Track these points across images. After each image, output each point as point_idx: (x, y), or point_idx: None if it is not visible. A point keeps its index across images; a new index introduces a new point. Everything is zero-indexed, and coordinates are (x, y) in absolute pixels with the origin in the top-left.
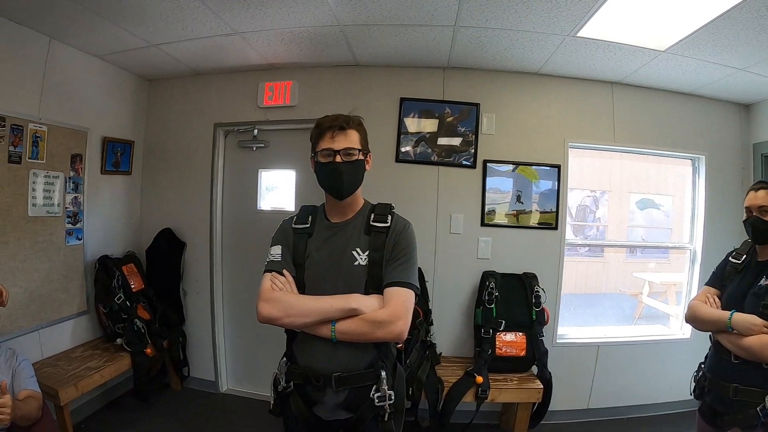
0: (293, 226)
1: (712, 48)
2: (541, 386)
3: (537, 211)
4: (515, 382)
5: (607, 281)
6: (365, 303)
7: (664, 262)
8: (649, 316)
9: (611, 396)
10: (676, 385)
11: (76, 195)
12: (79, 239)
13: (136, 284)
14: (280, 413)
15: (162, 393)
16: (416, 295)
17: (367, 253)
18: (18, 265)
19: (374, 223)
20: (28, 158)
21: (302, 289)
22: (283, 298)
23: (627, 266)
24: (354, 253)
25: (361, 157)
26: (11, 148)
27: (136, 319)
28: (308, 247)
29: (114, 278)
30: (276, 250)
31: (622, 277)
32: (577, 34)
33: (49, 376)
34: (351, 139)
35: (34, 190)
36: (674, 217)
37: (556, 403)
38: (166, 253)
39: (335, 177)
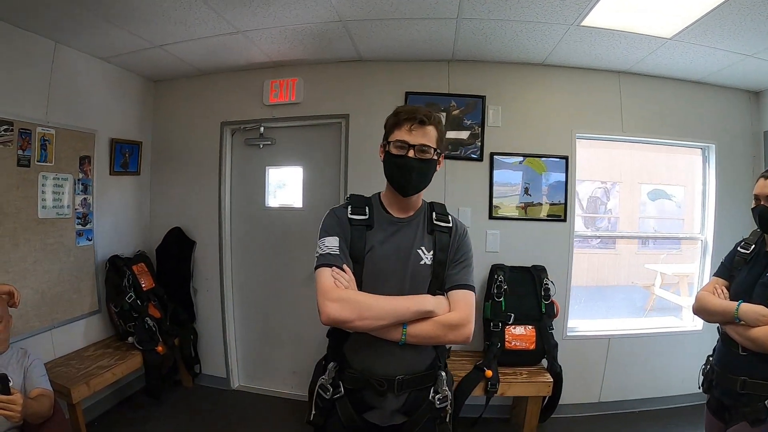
0: (350, 216)
1: (719, 34)
2: (551, 380)
3: (545, 203)
4: (525, 375)
5: (620, 273)
6: (439, 305)
7: (676, 253)
8: (661, 308)
9: (622, 389)
10: (688, 378)
11: (85, 196)
12: (90, 240)
13: (146, 283)
14: (323, 423)
15: (173, 390)
16: (475, 297)
17: (432, 252)
18: (29, 266)
19: (438, 222)
20: (37, 161)
21: (359, 286)
22: (356, 298)
23: (639, 258)
24: (419, 251)
25: (435, 156)
26: (20, 152)
27: (147, 318)
28: (369, 240)
29: (124, 278)
30: (333, 242)
31: (635, 269)
32: (581, 23)
33: (61, 375)
34: (429, 136)
35: (43, 192)
36: (686, 208)
37: (567, 397)
38: (175, 252)
39: (405, 172)
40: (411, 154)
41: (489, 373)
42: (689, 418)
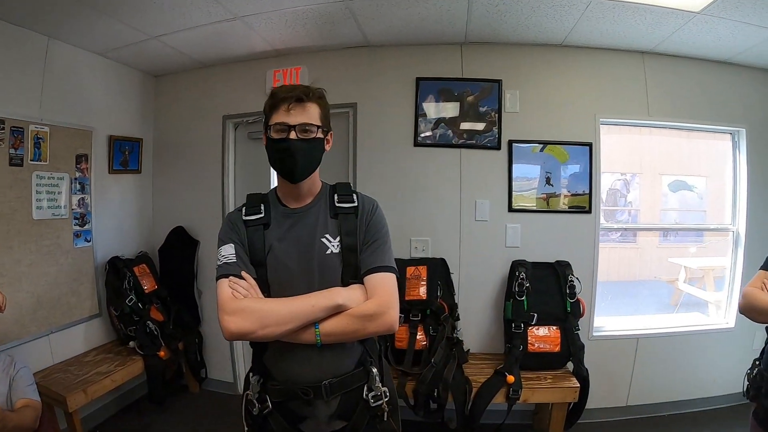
0: (244, 218)
1: (751, 6)
2: (578, 385)
3: (568, 193)
4: (549, 380)
5: (642, 267)
6: (350, 296)
7: (701, 245)
8: (687, 304)
9: (651, 392)
10: (721, 379)
11: (82, 196)
12: (88, 241)
13: (148, 285)
14: None
15: (179, 396)
16: (396, 278)
17: (338, 239)
18: (24, 269)
19: (340, 204)
20: (30, 160)
21: (266, 290)
22: (254, 306)
23: (661, 251)
24: (324, 240)
25: (320, 135)
26: (12, 151)
27: (148, 321)
28: (267, 240)
29: (125, 280)
30: (227, 250)
31: (657, 263)
32: None
33: (58, 382)
34: (310, 114)
35: (38, 192)
36: (708, 199)
37: (593, 401)
38: (179, 252)
39: (289, 156)
40: (293, 135)
41: (511, 378)
42: (723, 422)
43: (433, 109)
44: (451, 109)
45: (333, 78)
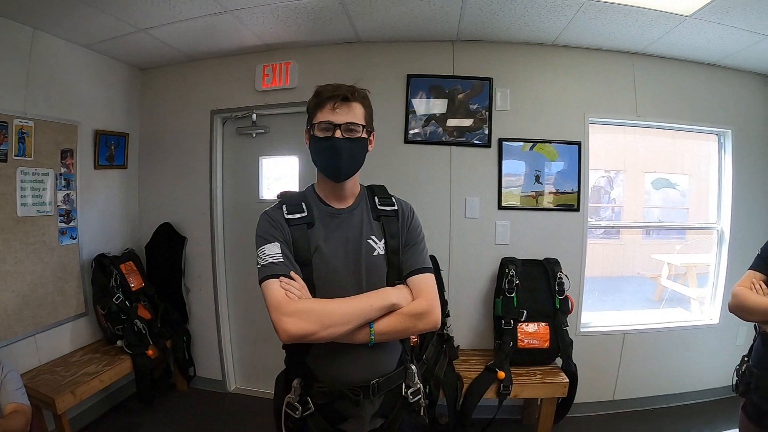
0: (287, 216)
1: (741, 11)
2: (567, 380)
3: (557, 191)
4: (539, 376)
5: (625, 264)
6: (402, 296)
7: (683, 242)
8: (671, 300)
9: (638, 386)
10: (706, 374)
11: (68, 192)
12: (74, 238)
13: (135, 283)
14: None
15: (167, 395)
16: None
17: (383, 240)
18: (9, 268)
19: (382, 207)
20: (15, 155)
21: (311, 291)
22: (315, 307)
23: (644, 248)
24: (370, 241)
25: (364, 135)
26: None
27: (136, 320)
28: (312, 239)
29: (112, 277)
30: (273, 249)
31: (640, 260)
32: None
33: (45, 384)
34: (355, 113)
35: (22, 188)
36: (691, 197)
37: (580, 395)
38: (166, 249)
39: (333, 155)
40: (338, 134)
41: (501, 374)
42: (708, 416)
43: (423, 106)
44: (441, 107)
45: (323, 74)
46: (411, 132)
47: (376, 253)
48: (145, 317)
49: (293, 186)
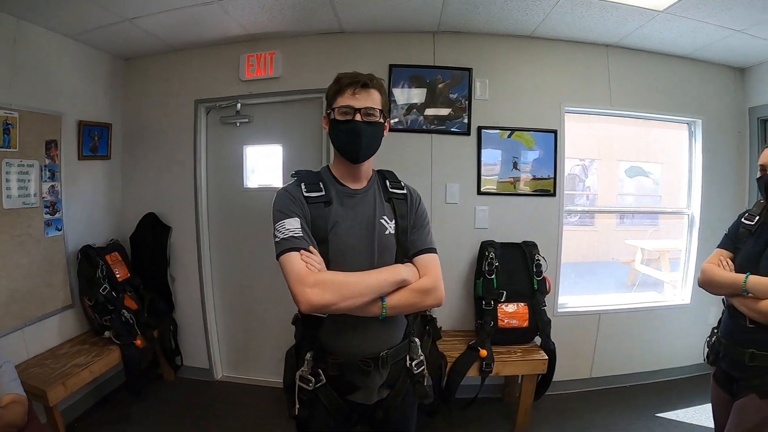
0: (305, 194)
1: (712, 8)
2: (546, 357)
3: (534, 177)
4: (519, 354)
5: (600, 249)
6: (411, 273)
7: (655, 228)
8: (644, 284)
9: (613, 364)
10: (678, 351)
11: (53, 183)
12: (59, 230)
13: (121, 273)
14: (309, 415)
15: (155, 385)
16: None
17: (394, 221)
18: None
19: (393, 190)
20: (0, 147)
21: (327, 266)
22: (335, 279)
23: (618, 234)
24: (382, 221)
25: (381, 119)
26: None
27: (123, 310)
28: (330, 218)
29: (98, 268)
30: (293, 224)
31: (615, 245)
32: None
33: (36, 377)
34: (373, 99)
35: (8, 180)
36: (664, 185)
37: (559, 373)
38: (151, 239)
39: (354, 137)
40: (358, 117)
41: (484, 352)
42: (680, 391)
43: (405, 95)
44: (422, 96)
45: (307, 64)
46: (392, 121)
47: (387, 232)
48: (132, 307)
49: (277, 173)
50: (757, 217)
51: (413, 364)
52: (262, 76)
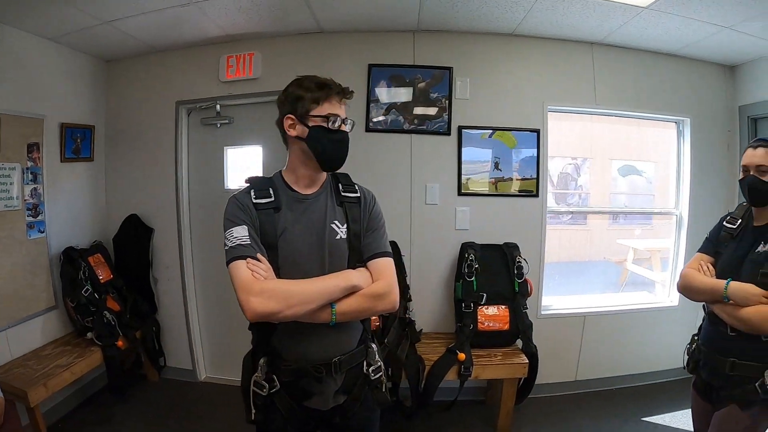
0: (255, 200)
1: (697, 3)
2: (527, 361)
3: (517, 178)
4: (499, 357)
5: (592, 249)
6: (362, 278)
7: (648, 228)
8: (635, 283)
9: (599, 367)
10: (665, 354)
11: (35, 186)
12: (42, 232)
13: (104, 275)
14: (264, 420)
15: (139, 386)
16: None
17: (345, 225)
18: None
19: (345, 194)
20: None
21: (276, 273)
22: (280, 287)
23: (611, 233)
24: (333, 226)
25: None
26: None
27: (105, 312)
28: (279, 223)
29: (80, 270)
30: (240, 232)
31: (607, 245)
32: None
33: (18, 377)
34: (346, 109)
35: None
36: (657, 183)
37: (543, 376)
38: (133, 241)
39: (342, 147)
40: (343, 128)
41: (462, 356)
42: (667, 394)
43: (384, 94)
44: (402, 95)
45: (286, 64)
46: (372, 121)
47: (338, 236)
48: (115, 309)
49: (258, 174)
50: (740, 221)
51: (370, 370)
52: (242, 77)
